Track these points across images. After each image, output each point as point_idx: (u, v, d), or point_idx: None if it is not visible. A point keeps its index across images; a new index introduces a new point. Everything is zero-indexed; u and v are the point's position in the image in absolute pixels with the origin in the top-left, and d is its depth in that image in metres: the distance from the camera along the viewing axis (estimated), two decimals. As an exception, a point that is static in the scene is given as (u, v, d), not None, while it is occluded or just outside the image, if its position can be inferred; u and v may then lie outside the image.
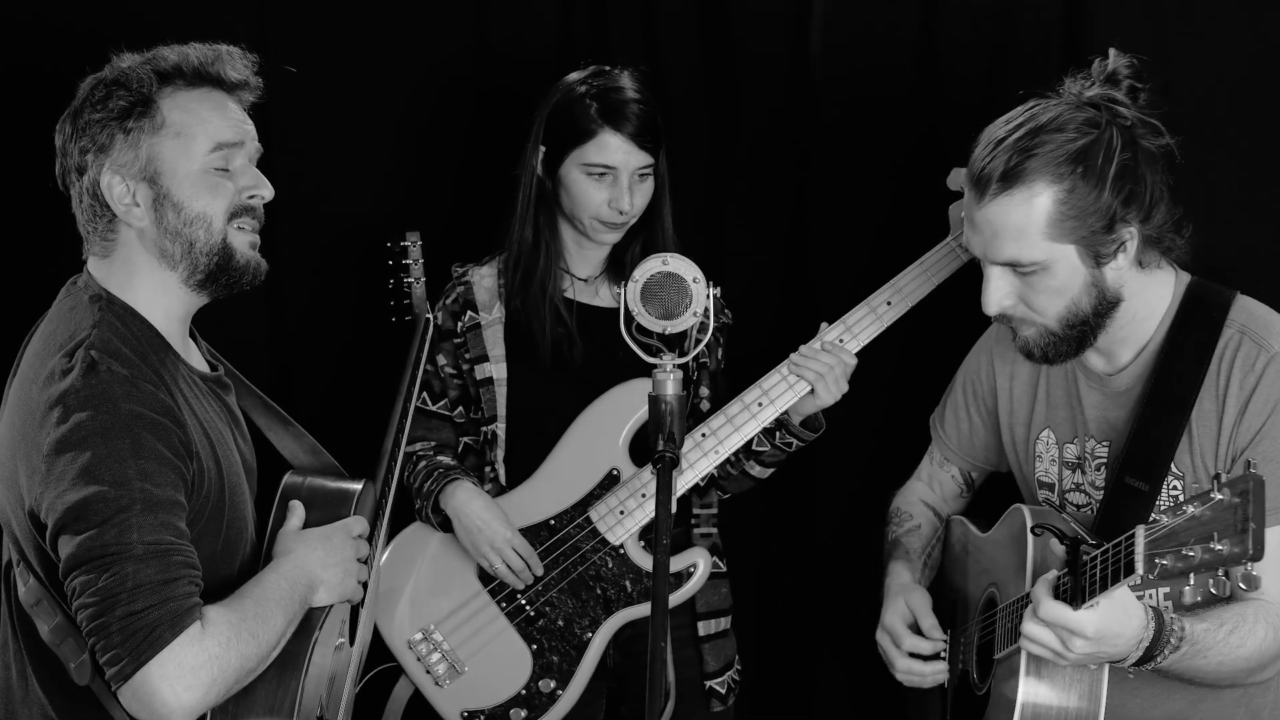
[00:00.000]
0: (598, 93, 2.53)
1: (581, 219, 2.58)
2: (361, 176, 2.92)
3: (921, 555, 2.46)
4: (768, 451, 2.63)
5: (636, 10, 2.90)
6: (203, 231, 1.98)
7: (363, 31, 2.89)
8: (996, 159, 2.02)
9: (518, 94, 2.77)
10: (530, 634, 2.58)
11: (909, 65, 2.84)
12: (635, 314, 2.08)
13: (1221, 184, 2.66)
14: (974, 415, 2.44)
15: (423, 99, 2.93)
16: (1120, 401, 2.18)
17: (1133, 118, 2.05)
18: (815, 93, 2.87)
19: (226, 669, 1.84)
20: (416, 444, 2.66)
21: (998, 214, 2.03)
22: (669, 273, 2.10)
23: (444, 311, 2.66)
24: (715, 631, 2.69)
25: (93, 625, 1.80)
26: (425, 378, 2.66)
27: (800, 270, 2.95)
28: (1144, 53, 2.49)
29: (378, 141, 2.93)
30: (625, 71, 2.59)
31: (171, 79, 1.98)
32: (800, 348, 2.54)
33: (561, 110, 2.56)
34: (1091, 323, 2.10)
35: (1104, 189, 2.00)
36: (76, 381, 1.85)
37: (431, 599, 2.60)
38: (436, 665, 2.59)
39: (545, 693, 2.57)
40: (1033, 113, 2.04)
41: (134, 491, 1.82)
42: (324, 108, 2.89)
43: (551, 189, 2.60)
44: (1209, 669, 2.00)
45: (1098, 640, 1.91)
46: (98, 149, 1.96)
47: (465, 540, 2.55)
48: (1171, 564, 1.74)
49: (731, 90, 2.91)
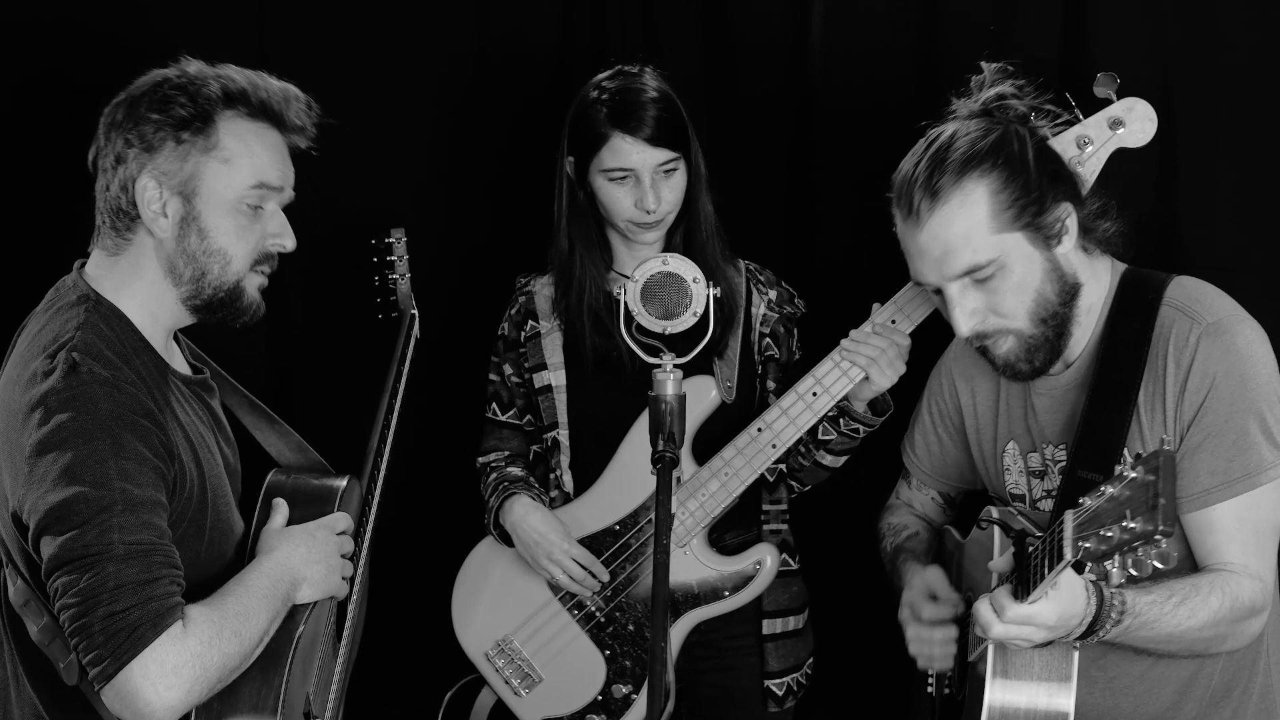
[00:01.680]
0: (609, 97, 2.51)
1: (617, 224, 2.58)
2: (361, 174, 2.94)
3: (926, 557, 2.39)
4: (835, 440, 2.57)
5: (636, 4, 2.87)
6: (218, 266, 1.99)
7: (363, 27, 2.92)
8: (918, 185, 2.03)
9: (518, 88, 2.77)
10: (603, 640, 2.59)
11: (909, 55, 2.77)
12: (635, 314, 2.06)
13: (1221, 184, 2.60)
14: (943, 435, 2.39)
15: (423, 95, 2.95)
16: (1069, 400, 2.13)
17: (1026, 108, 2.09)
18: (815, 84, 2.81)
19: (209, 668, 1.84)
20: (490, 455, 2.70)
21: (939, 228, 2.02)
22: (669, 273, 2.09)
23: (509, 323, 2.69)
24: (782, 631, 2.64)
25: (75, 625, 1.80)
26: (494, 388, 2.69)
27: (803, 261, 2.88)
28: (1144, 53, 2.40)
29: (378, 138, 2.94)
30: (645, 69, 2.56)
31: (235, 103, 1.97)
32: (851, 332, 2.47)
33: (579, 119, 2.55)
34: (1061, 314, 2.07)
35: (1029, 170, 2.01)
36: (58, 383, 1.85)
37: (505, 610, 2.63)
38: (514, 675, 2.62)
39: (619, 697, 2.57)
40: (930, 139, 2.07)
41: (115, 491, 1.82)
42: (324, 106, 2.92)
43: (588, 194, 2.59)
44: (1159, 640, 1.98)
45: (1057, 627, 1.91)
46: (144, 148, 1.94)
47: (525, 554, 2.57)
48: (1095, 546, 1.71)
49: (731, 84, 2.87)
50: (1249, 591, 1.99)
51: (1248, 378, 2.00)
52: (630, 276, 2.07)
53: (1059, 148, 2.20)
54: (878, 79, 2.80)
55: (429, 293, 2.71)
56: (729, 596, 2.55)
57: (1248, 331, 2.03)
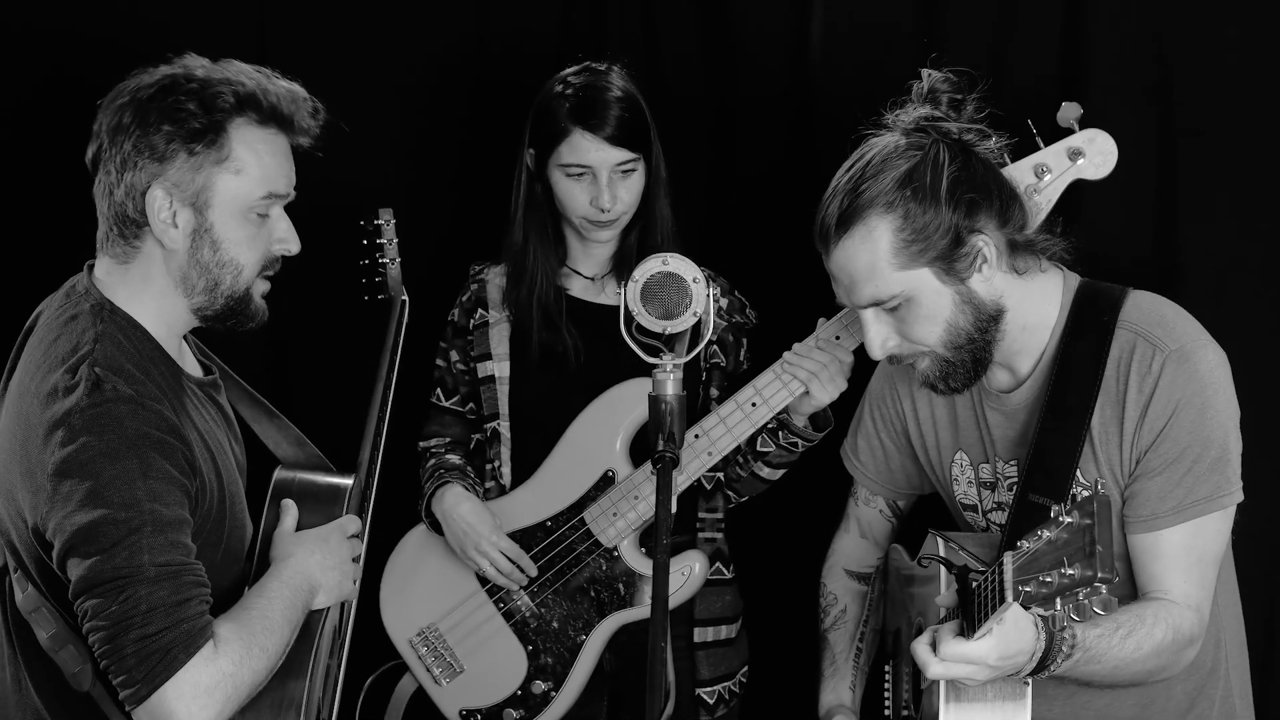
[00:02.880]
0: (572, 92, 2.51)
1: (572, 219, 2.57)
2: (361, 171, 2.93)
3: (851, 650, 2.38)
4: (773, 452, 2.56)
5: (636, 5, 2.86)
6: (230, 276, 1.97)
7: (363, 23, 2.92)
8: (831, 208, 2.03)
9: (518, 87, 2.77)
10: (526, 635, 2.58)
11: (910, 54, 2.71)
12: (635, 314, 2.05)
13: (1221, 184, 2.58)
14: (886, 441, 2.36)
15: (423, 92, 2.95)
16: (1020, 419, 2.11)
17: (959, 129, 2.04)
18: (815, 84, 2.79)
19: (240, 686, 1.85)
20: (431, 440, 2.70)
21: (844, 259, 2.02)
22: (669, 273, 2.07)
23: (459, 309, 2.68)
24: (713, 640, 2.63)
25: (106, 648, 1.80)
26: (439, 374, 2.69)
27: (802, 265, 2.84)
28: (1143, 53, 2.38)
29: (378, 136, 2.94)
30: (613, 68, 2.56)
31: (245, 109, 1.93)
32: (795, 345, 2.46)
33: (541, 112, 2.55)
34: (979, 339, 2.04)
35: (939, 205, 1.98)
36: (81, 400, 1.83)
37: (433, 598, 2.63)
38: (436, 664, 2.61)
39: (539, 694, 2.57)
40: (860, 153, 2.05)
41: (144, 513, 1.81)
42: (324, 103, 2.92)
43: (546, 187, 2.59)
44: (1105, 673, 1.96)
45: (1000, 666, 1.87)
46: (155, 158, 1.90)
47: (454, 543, 2.57)
48: (1035, 590, 1.68)
49: (731, 82, 2.85)
50: (1189, 623, 2.00)
51: (1208, 406, 2.00)
52: (630, 276, 2.07)
53: (1016, 174, 2.19)
54: (878, 79, 2.75)
55: (428, 294, 2.71)
56: (653, 601, 2.54)
57: (1210, 357, 2.02)
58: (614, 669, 2.62)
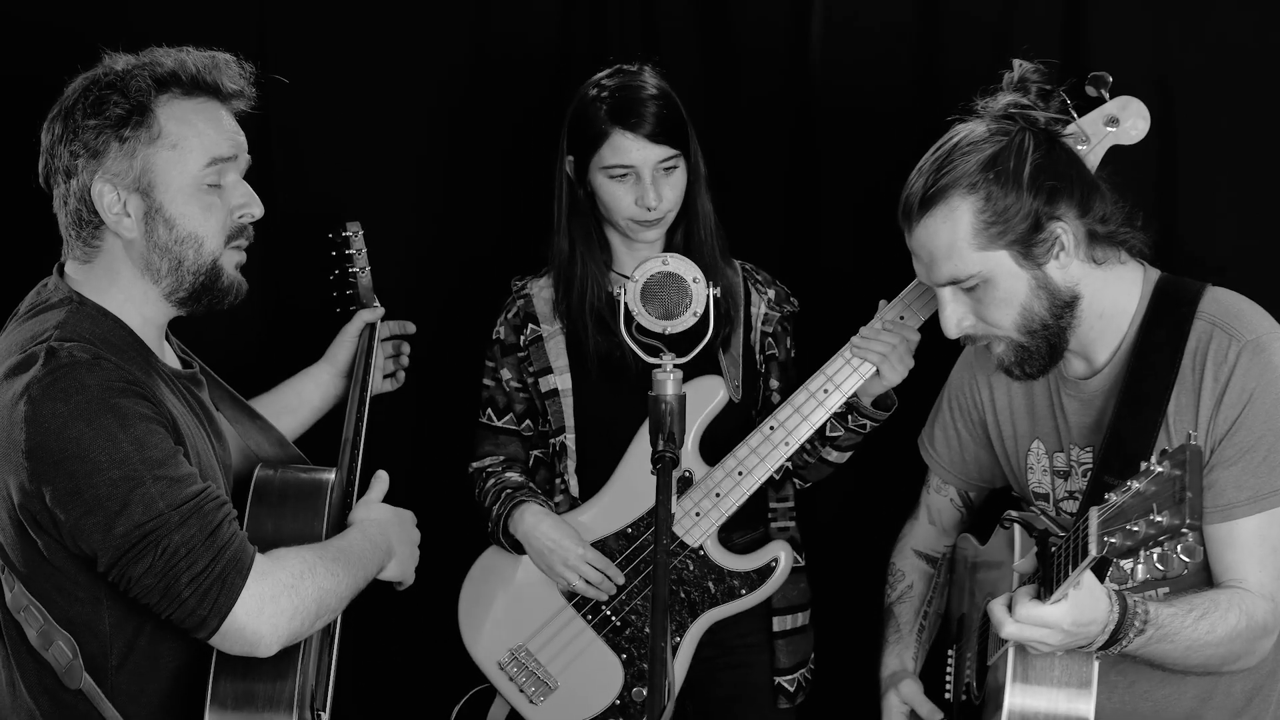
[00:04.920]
0: (608, 94, 2.51)
1: (617, 222, 2.57)
2: (360, 172, 2.91)
3: (915, 623, 2.44)
4: (842, 436, 2.59)
5: (636, 5, 2.87)
6: (192, 251, 1.97)
7: (363, 25, 2.89)
8: (915, 186, 2.08)
9: (518, 89, 2.76)
10: (619, 644, 2.57)
11: (910, 54, 2.80)
12: (635, 314, 2.07)
13: (1221, 184, 2.64)
14: (963, 431, 2.41)
15: (422, 96, 2.92)
16: (1097, 405, 2.16)
17: (1045, 119, 2.08)
18: (815, 85, 2.83)
19: (305, 598, 1.91)
20: (485, 459, 2.67)
21: (926, 237, 2.08)
22: (669, 273, 2.09)
23: (505, 326, 2.66)
24: (791, 628, 2.66)
25: (162, 601, 1.84)
26: (488, 394, 2.66)
27: (804, 262, 2.91)
28: (1143, 53, 2.45)
29: (378, 135, 2.92)
30: (644, 68, 2.56)
31: (168, 86, 1.94)
32: (861, 329, 2.49)
33: (578, 117, 2.54)
34: (1054, 325, 2.09)
35: (1021, 189, 2.03)
36: (38, 371, 1.83)
37: (518, 618, 2.61)
38: (529, 683, 2.59)
39: (639, 700, 2.56)
40: (948, 136, 2.10)
41: (138, 464, 1.82)
42: (325, 104, 2.89)
43: (588, 193, 2.58)
44: (1177, 654, 1.99)
45: (1073, 632, 1.91)
46: (90, 154, 1.92)
47: (539, 562, 2.55)
48: (1120, 541, 1.72)
49: (731, 84, 2.88)
50: (1263, 611, 2.02)
51: None
52: (630, 276, 2.07)
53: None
54: (878, 79, 2.82)
55: (429, 294, 2.67)
56: (745, 595, 2.55)
57: None
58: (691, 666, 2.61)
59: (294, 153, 2.87)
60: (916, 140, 2.74)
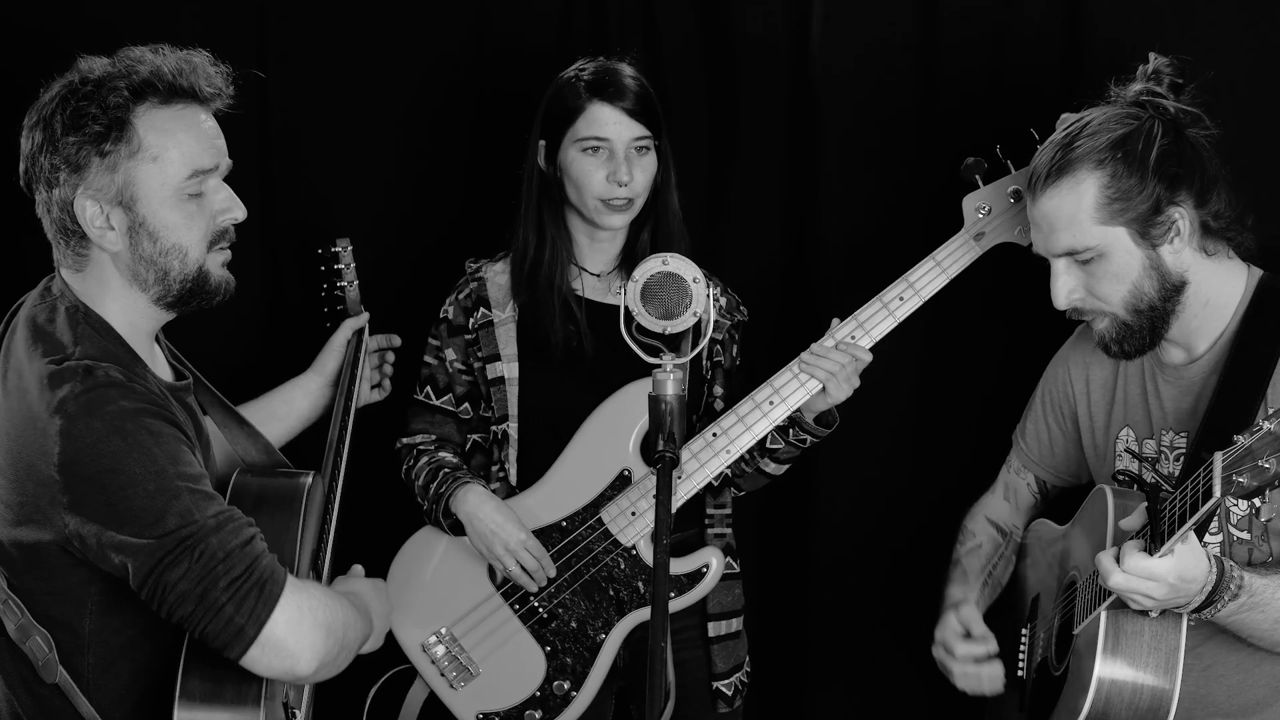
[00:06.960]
0: (589, 73, 2.53)
1: (586, 202, 2.55)
2: (360, 171, 2.90)
3: (980, 575, 2.49)
4: (782, 449, 2.61)
5: (636, 5, 2.87)
6: (177, 261, 1.98)
7: (363, 24, 2.87)
8: (1044, 157, 2.17)
9: (518, 89, 2.75)
10: (544, 635, 2.58)
11: (911, 52, 2.81)
12: (635, 314, 2.07)
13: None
14: (1053, 425, 2.48)
15: (423, 96, 2.91)
16: (1195, 390, 2.22)
17: (1175, 109, 2.17)
18: (815, 84, 2.84)
19: (335, 619, 1.93)
20: (416, 436, 2.66)
21: (1050, 206, 2.16)
22: (669, 273, 2.09)
23: (455, 306, 2.64)
24: (726, 633, 2.68)
25: (196, 608, 1.83)
26: (429, 371, 2.66)
27: (802, 263, 2.92)
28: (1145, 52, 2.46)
29: (378, 135, 2.91)
30: (622, 60, 2.58)
31: (145, 95, 1.93)
32: (812, 345, 2.51)
33: (554, 99, 2.56)
34: (1160, 307, 2.17)
35: (1146, 172, 2.11)
36: (75, 387, 1.85)
37: (444, 602, 2.60)
38: (450, 668, 2.58)
39: (559, 694, 2.57)
40: (1081, 116, 2.19)
41: (173, 476, 1.84)
42: (325, 104, 2.87)
43: (555, 179, 2.58)
44: (1265, 626, 2.05)
45: (1177, 586, 1.97)
46: (71, 169, 1.91)
47: (479, 544, 2.55)
48: (1248, 481, 1.78)
49: (731, 84, 2.88)
50: None
51: None
52: (630, 276, 2.08)
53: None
54: (878, 79, 2.82)
55: (428, 293, 2.66)
56: (674, 598, 2.57)
57: None
58: (627, 665, 2.63)
59: (293, 157, 2.86)
60: (916, 140, 2.81)
